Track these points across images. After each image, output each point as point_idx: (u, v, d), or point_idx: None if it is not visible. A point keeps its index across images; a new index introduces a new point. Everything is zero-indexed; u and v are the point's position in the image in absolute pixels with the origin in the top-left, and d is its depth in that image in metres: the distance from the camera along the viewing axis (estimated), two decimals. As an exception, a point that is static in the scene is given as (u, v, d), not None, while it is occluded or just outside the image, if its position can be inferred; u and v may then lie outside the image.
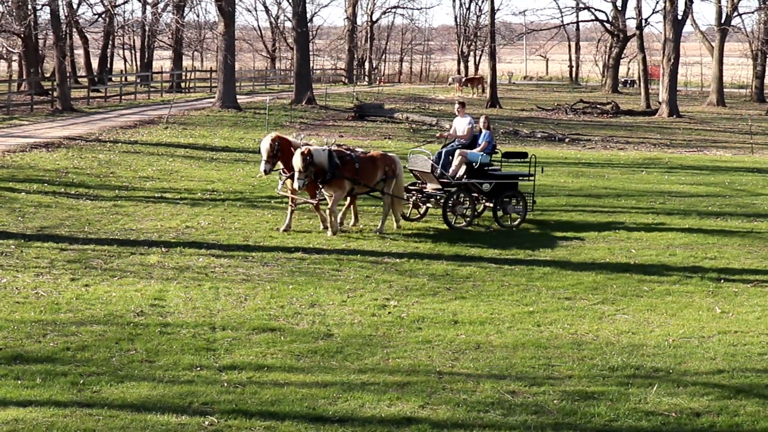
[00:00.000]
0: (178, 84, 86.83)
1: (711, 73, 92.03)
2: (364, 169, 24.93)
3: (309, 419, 12.57)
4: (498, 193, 26.53)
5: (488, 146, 26.84)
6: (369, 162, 25.28)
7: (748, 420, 12.90)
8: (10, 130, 46.50)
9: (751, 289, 20.56)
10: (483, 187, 26.40)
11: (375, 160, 25.52)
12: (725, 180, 38.28)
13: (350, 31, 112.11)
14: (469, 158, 26.32)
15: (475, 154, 26.43)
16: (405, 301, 18.75)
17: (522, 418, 12.82)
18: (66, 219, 25.42)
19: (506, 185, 26.73)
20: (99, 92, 72.74)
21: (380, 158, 25.73)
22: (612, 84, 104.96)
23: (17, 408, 12.70)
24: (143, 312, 17.43)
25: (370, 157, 25.56)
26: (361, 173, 24.85)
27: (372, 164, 25.32)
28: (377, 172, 25.33)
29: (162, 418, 12.48)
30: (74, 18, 74.19)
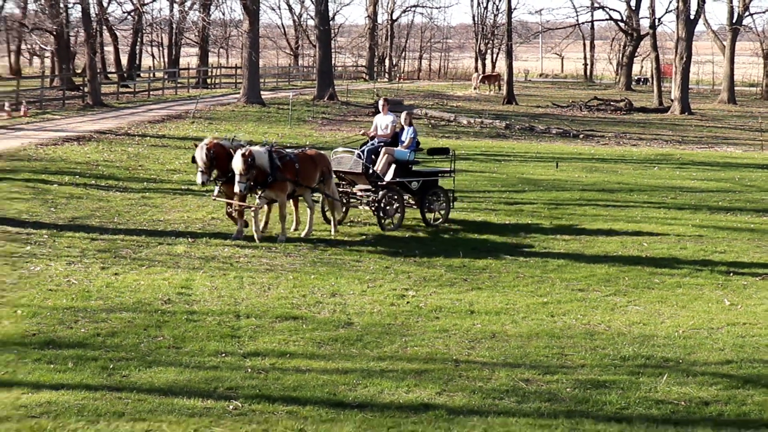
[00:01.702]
0: (204, 80, 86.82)
1: (722, 71, 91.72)
2: (304, 169, 23.28)
3: (329, 404, 12.62)
4: (424, 191, 25.37)
5: (413, 143, 25.29)
6: (309, 161, 23.59)
7: (756, 409, 12.91)
8: (43, 124, 46.63)
9: (759, 282, 20.52)
10: (411, 186, 25.17)
11: (314, 159, 23.84)
12: (735, 176, 38.17)
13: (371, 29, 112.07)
14: (396, 157, 24.81)
15: (403, 152, 25.01)
16: (423, 292, 18.78)
17: (536, 405, 12.85)
18: (96, 210, 25.51)
19: (431, 182, 25.56)
20: (128, 88, 72.81)
21: (318, 157, 24.09)
22: (626, 82, 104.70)
23: (50, 391, 12.78)
24: (170, 300, 17.50)
25: (309, 156, 23.83)
26: (302, 174, 23.18)
27: (312, 164, 23.63)
28: (317, 171, 23.68)
29: (188, 401, 12.54)
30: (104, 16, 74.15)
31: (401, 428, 11.91)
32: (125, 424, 11.76)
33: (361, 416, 12.25)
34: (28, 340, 14.98)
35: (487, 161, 40.08)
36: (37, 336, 15.21)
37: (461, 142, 47.66)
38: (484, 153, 43.17)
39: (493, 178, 34.92)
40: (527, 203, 29.49)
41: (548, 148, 47.12)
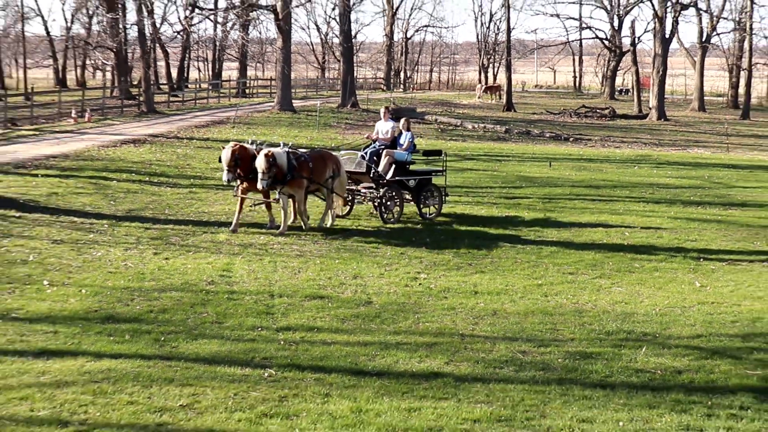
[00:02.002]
0: (243, 90, 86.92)
1: (693, 83, 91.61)
2: (316, 168, 23.04)
3: (352, 372, 12.61)
4: (420, 188, 25.10)
5: (410, 146, 25.08)
6: (320, 161, 23.35)
7: (722, 377, 12.87)
8: (104, 128, 46.71)
9: (726, 266, 20.51)
10: (409, 183, 24.89)
11: (325, 158, 23.64)
12: (705, 174, 38.13)
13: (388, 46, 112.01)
14: (396, 158, 24.62)
15: (402, 153, 24.78)
16: (433, 274, 18.76)
17: (531, 373, 12.83)
18: (150, 203, 25.53)
19: (426, 180, 25.26)
20: (177, 97, 72.91)
21: (329, 156, 23.92)
22: (610, 92, 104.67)
23: (110, 359, 12.82)
24: (213, 281, 17.51)
25: (321, 156, 23.68)
26: (315, 172, 22.98)
27: (323, 163, 23.36)
28: (327, 170, 23.38)
29: (229, 369, 12.55)
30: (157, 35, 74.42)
31: (414, 393, 11.89)
32: (174, 389, 11.77)
33: (379, 383, 12.24)
34: (91, 316, 15.01)
35: (489, 161, 40.06)
36: (99, 312, 15.24)
37: (466, 144, 47.66)
38: (486, 154, 43.14)
39: (495, 176, 34.89)
40: (524, 198, 29.46)
41: (542, 149, 47.07)
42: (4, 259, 18.70)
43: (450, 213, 25.96)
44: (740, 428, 11.09)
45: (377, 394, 11.78)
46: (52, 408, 11.05)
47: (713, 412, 11.53)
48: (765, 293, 18.04)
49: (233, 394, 11.66)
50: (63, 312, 15.19)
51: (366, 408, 11.27)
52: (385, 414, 11.11)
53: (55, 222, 22.48)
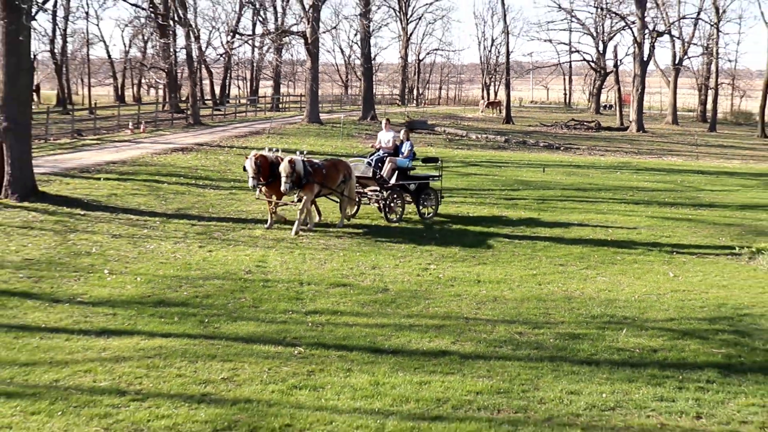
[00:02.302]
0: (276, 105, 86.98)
1: (668, 100, 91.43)
2: (329, 174, 22.63)
3: (370, 350, 12.63)
4: (419, 191, 24.83)
5: (410, 154, 24.77)
6: (333, 168, 22.92)
7: (691, 355, 12.88)
8: (157, 138, 46.78)
9: (695, 259, 20.46)
10: (410, 187, 24.63)
11: (337, 166, 23.20)
12: (677, 179, 38.00)
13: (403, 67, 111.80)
14: (398, 164, 24.34)
15: (403, 160, 24.50)
16: (442, 265, 18.76)
17: (526, 352, 12.82)
18: (195, 203, 25.57)
19: (425, 184, 24.91)
20: (220, 111, 72.95)
21: (341, 164, 23.46)
22: (595, 107, 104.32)
23: (161, 338, 12.87)
24: (251, 271, 17.53)
25: (334, 164, 23.18)
26: (327, 178, 22.57)
27: (335, 170, 22.97)
28: (338, 176, 22.97)
29: (264, 347, 12.58)
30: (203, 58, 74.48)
31: (424, 369, 11.89)
32: (216, 364, 11.80)
33: (394, 359, 12.25)
34: (145, 300, 15.06)
35: (490, 167, 39.98)
36: (152, 297, 15.29)
37: (471, 152, 47.58)
38: (488, 161, 43.06)
39: (495, 180, 34.83)
40: (521, 199, 29.40)
41: (537, 157, 46.97)
42: (71, 251, 18.78)
43: (456, 212, 25.94)
44: (707, 399, 11.10)
45: (392, 369, 11.80)
46: (112, 379, 11.11)
47: (684, 385, 11.53)
48: (729, 282, 18.03)
49: (267, 368, 11.69)
50: (121, 297, 15.25)
51: (383, 381, 11.29)
52: (400, 386, 11.13)
53: (115, 219, 22.54)
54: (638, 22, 75.76)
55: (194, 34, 63.49)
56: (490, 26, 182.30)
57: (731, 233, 24.01)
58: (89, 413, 10.02)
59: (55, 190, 25.80)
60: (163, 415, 10.03)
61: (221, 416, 10.04)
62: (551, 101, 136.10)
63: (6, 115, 24.04)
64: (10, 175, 24.08)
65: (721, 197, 32.13)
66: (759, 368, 12.41)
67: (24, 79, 24.40)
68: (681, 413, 10.62)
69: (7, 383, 10.94)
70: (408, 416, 10.21)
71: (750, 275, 18.93)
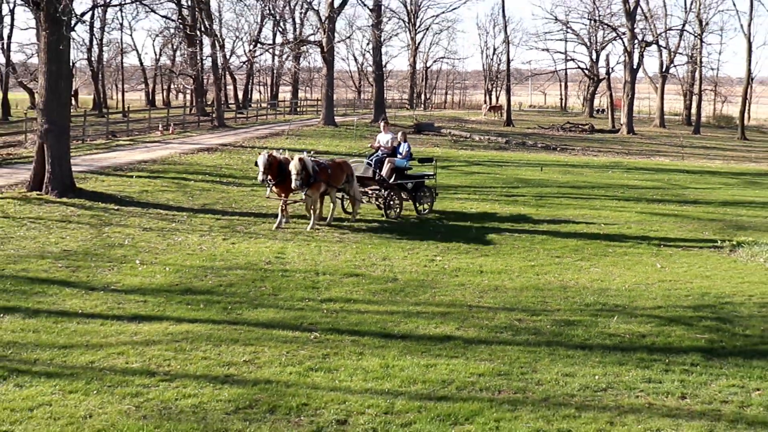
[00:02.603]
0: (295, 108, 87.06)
1: (656, 105, 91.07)
2: (334, 174, 22.15)
3: (381, 336, 12.61)
4: (416, 189, 24.48)
5: (408, 154, 24.39)
6: (338, 168, 22.44)
7: (677, 340, 12.83)
8: (184, 139, 46.84)
9: (681, 251, 20.41)
10: (407, 186, 24.24)
11: (342, 166, 22.73)
12: (665, 177, 37.91)
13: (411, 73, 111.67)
14: (396, 165, 23.92)
15: (401, 161, 24.12)
16: (447, 257, 18.72)
17: (525, 337, 12.79)
18: (220, 199, 25.59)
19: (421, 183, 24.58)
20: (242, 114, 73.05)
21: (344, 165, 22.95)
22: (589, 111, 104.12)
23: (188, 323, 12.87)
24: (270, 261, 17.53)
25: (338, 164, 22.66)
26: (333, 177, 22.09)
27: (340, 170, 22.49)
28: (343, 175, 22.52)
29: (282, 332, 12.57)
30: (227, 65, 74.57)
31: (431, 352, 11.87)
32: (239, 347, 11.80)
33: (403, 344, 12.23)
34: (173, 288, 15.07)
35: (492, 166, 39.93)
36: (179, 285, 15.30)
37: (474, 152, 47.54)
38: (490, 160, 43.01)
39: (496, 178, 34.78)
40: (520, 196, 29.36)
41: (535, 157, 46.90)
42: (106, 243, 18.81)
43: (460, 208, 25.91)
44: (691, 380, 11.07)
45: (401, 353, 11.78)
46: (143, 361, 11.12)
47: (670, 368, 11.50)
48: (712, 273, 17.97)
49: (286, 352, 11.69)
50: (151, 285, 15.26)
51: (392, 364, 11.28)
52: (408, 369, 11.11)
53: (145, 214, 22.57)
54: (628, 33, 75.79)
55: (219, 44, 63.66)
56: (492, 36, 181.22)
57: (714, 228, 23.94)
58: (122, 392, 10.04)
59: (91, 187, 25.86)
60: (189, 394, 10.04)
61: (243, 396, 10.04)
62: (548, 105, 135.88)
63: (47, 117, 24.11)
64: (50, 172, 24.16)
65: (704, 194, 32.03)
66: (739, 352, 12.37)
67: (63, 85, 24.46)
68: (667, 393, 10.59)
69: (47, 364, 10.97)
70: (415, 396, 10.20)
71: (731, 266, 18.87)
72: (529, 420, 9.65)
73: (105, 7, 67.00)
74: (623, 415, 9.88)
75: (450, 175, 34.72)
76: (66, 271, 16.13)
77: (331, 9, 59.70)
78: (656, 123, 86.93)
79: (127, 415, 9.43)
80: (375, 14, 69.50)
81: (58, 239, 18.96)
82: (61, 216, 21.65)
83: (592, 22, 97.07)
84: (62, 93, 24.44)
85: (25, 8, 63.64)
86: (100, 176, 28.54)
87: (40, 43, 24.83)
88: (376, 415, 9.64)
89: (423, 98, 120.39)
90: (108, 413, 9.45)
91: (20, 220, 20.86)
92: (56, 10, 23.20)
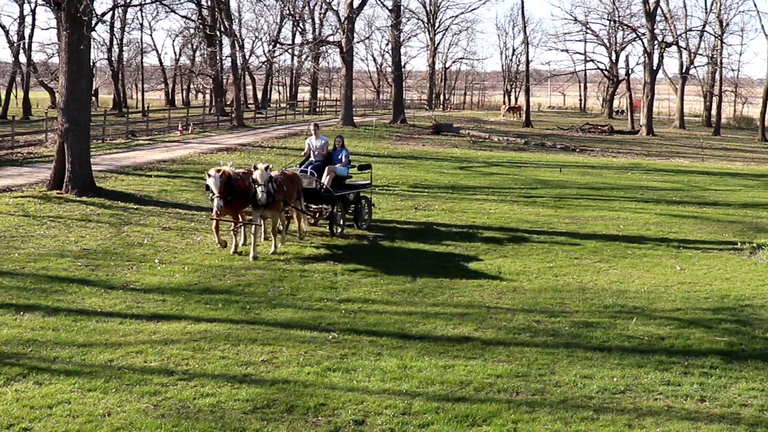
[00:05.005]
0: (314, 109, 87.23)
1: (675, 106, 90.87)
2: (289, 190, 18.95)
3: (399, 336, 12.60)
4: (356, 201, 21.70)
5: (348, 162, 21.46)
6: (290, 183, 19.12)
7: (696, 342, 12.76)
8: (204, 139, 46.99)
9: (701, 253, 20.29)
10: (350, 197, 21.42)
11: (294, 180, 19.47)
12: (684, 179, 37.73)
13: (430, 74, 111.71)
14: (338, 173, 20.92)
15: (342, 169, 21.12)
16: (465, 258, 18.68)
17: (543, 339, 12.76)
18: (239, 198, 25.61)
19: (357, 194, 21.81)
20: (261, 114, 73.27)
21: (296, 178, 19.76)
22: (608, 112, 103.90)
23: (206, 323, 12.90)
24: (289, 261, 17.55)
25: (290, 178, 19.31)
26: (288, 194, 18.90)
27: (292, 184, 19.19)
28: (295, 191, 19.36)
29: (301, 332, 12.58)
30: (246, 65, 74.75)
31: (449, 353, 11.86)
32: (257, 347, 11.82)
33: (421, 344, 12.22)
34: (192, 288, 15.11)
35: (511, 167, 39.86)
36: (198, 285, 15.34)
37: (493, 153, 47.47)
38: (509, 161, 42.95)
39: (515, 179, 34.72)
40: (539, 197, 29.28)
41: (554, 158, 46.80)
42: (125, 242, 18.88)
43: (480, 208, 25.87)
44: (710, 383, 11.01)
45: (419, 354, 11.77)
46: (161, 360, 11.15)
47: (689, 371, 11.44)
48: (732, 275, 17.86)
49: (304, 352, 11.70)
50: (170, 284, 15.31)
51: (410, 365, 11.27)
52: (426, 369, 11.10)
53: (165, 213, 22.64)
54: (648, 34, 75.47)
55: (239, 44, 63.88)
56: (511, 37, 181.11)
57: (734, 230, 23.81)
58: (140, 391, 10.07)
59: (110, 186, 25.97)
60: (207, 393, 10.06)
61: (261, 395, 10.05)
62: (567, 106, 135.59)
63: (67, 117, 24.23)
64: (70, 171, 24.28)
65: (724, 196, 31.86)
66: (759, 355, 12.30)
67: (84, 85, 24.57)
68: (686, 396, 10.54)
69: (66, 362, 11.02)
70: (433, 397, 10.18)
71: (751, 269, 18.76)
72: (547, 422, 9.62)
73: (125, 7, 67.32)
74: (642, 417, 9.84)
75: (469, 176, 34.68)
76: (85, 269, 16.20)
77: (350, 9, 59.81)
78: (676, 124, 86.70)
79: (146, 413, 9.46)
80: (394, 15, 69.58)
81: (77, 238, 19.04)
82: (81, 215, 21.74)
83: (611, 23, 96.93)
84: (83, 92, 24.55)
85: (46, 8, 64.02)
86: (119, 175, 28.66)
87: (60, 42, 24.95)
88: (394, 415, 9.63)
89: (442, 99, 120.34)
90: (126, 412, 9.48)
91: (40, 218, 20.97)
92: (77, 10, 23.32)
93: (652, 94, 75.56)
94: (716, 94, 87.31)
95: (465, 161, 41.23)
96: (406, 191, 29.10)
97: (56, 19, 27.34)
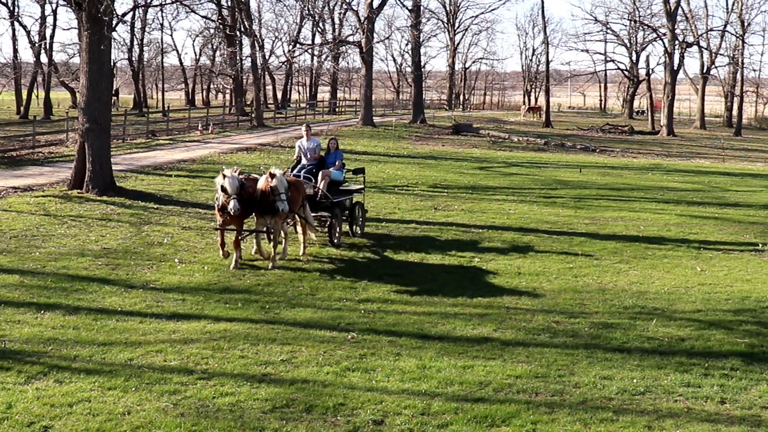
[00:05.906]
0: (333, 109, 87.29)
1: (696, 106, 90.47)
2: (294, 197, 17.56)
3: (418, 336, 12.60)
4: (350, 206, 20.49)
5: (342, 166, 20.26)
6: (295, 189, 17.75)
7: (716, 344, 12.69)
8: (224, 139, 47.11)
9: (721, 255, 20.17)
10: (345, 203, 20.19)
11: (298, 187, 18.13)
12: (705, 180, 37.53)
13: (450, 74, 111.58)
14: (333, 178, 19.70)
15: (337, 173, 19.91)
16: (485, 259, 18.65)
17: (563, 339, 12.72)
18: (259, 198, 25.64)
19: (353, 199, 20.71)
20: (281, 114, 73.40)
21: (299, 184, 18.37)
22: (628, 113, 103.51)
23: (226, 322, 12.93)
24: (308, 261, 17.56)
25: (294, 185, 17.84)
26: (293, 201, 17.54)
27: (297, 191, 17.85)
28: (299, 198, 18.05)
29: (320, 332, 12.60)
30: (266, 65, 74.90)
31: (468, 354, 11.84)
32: (277, 347, 11.84)
33: (440, 345, 12.21)
34: (212, 287, 15.16)
35: (531, 167, 39.77)
36: (218, 284, 15.38)
37: (513, 154, 47.38)
38: (528, 162, 42.85)
39: (535, 179, 34.63)
40: (559, 197, 29.20)
41: (574, 158, 46.65)
42: (145, 241, 18.95)
43: (500, 209, 25.82)
44: (731, 385, 10.95)
45: (438, 354, 11.76)
46: (181, 359, 11.19)
47: (709, 372, 11.39)
48: (752, 277, 17.75)
49: (323, 351, 11.71)
50: (190, 284, 15.36)
51: (429, 365, 11.26)
52: (445, 370, 11.09)
53: (184, 212, 22.71)
54: (669, 34, 75.14)
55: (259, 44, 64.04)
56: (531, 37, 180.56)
57: (755, 231, 23.67)
58: (160, 389, 10.10)
59: (131, 186, 26.07)
60: (227, 392, 10.09)
61: (280, 395, 10.07)
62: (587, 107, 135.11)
63: (88, 116, 24.34)
64: (90, 171, 24.39)
65: (745, 197, 31.68)
66: (781, 358, 12.23)
67: (104, 84, 24.68)
68: (706, 398, 10.49)
69: (86, 361, 11.07)
70: (452, 398, 10.18)
71: (773, 270, 18.65)
72: (566, 423, 9.59)
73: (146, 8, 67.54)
74: (661, 419, 9.80)
75: (488, 177, 34.63)
76: (106, 268, 16.27)
77: (370, 9, 59.82)
78: (697, 125, 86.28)
79: (165, 412, 9.49)
80: (414, 15, 69.53)
81: (98, 237, 19.13)
82: (102, 214, 21.84)
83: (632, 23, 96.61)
84: (103, 92, 24.66)
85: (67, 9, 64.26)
86: (139, 175, 28.77)
87: (81, 43, 25.07)
88: (413, 416, 9.63)
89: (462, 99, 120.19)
90: (146, 410, 9.51)
91: (61, 218, 21.08)
92: (98, 10, 23.43)
93: (672, 95, 75.23)
94: (737, 95, 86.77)
95: (485, 161, 41.16)
96: (425, 191, 29.08)
97: (77, 20, 27.46)
